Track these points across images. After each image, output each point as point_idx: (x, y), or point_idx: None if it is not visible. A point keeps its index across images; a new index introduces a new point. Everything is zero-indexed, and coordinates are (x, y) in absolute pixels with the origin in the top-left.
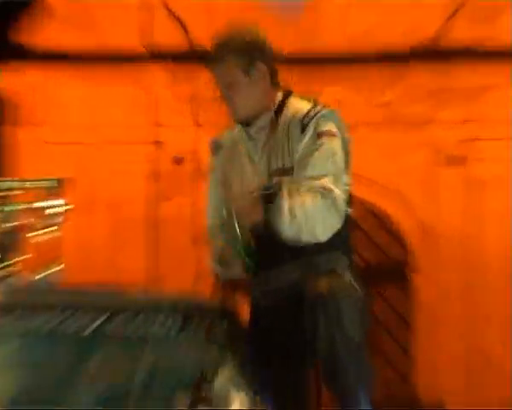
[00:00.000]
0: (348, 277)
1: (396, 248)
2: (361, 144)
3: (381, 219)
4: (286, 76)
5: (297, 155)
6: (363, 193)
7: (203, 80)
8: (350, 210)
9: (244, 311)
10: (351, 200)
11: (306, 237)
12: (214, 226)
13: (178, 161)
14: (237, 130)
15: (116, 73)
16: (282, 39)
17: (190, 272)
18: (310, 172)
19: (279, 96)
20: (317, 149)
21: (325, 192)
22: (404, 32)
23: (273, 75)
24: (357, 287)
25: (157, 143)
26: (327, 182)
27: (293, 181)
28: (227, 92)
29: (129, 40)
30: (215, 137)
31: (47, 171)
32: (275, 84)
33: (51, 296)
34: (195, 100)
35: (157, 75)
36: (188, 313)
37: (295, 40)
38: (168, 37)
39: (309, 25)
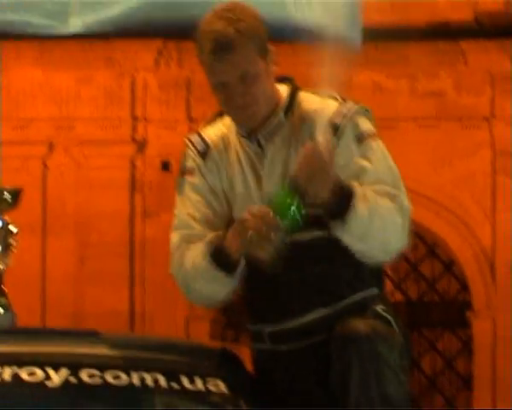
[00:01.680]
0: (383, 311)
1: (449, 281)
2: (403, 146)
3: (429, 245)
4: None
5: (336, 166)
6: None
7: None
8: None
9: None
10: None
11: (376, 248)
12: (184, 238)
13: (166, 165)
14: (228, 128)
15: (86, 53)
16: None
17: (183, 311)
18: (367, 184)
19: (284, 90)
20: (366, 157)
21: (392, 197)
22: None
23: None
24: (395, 324)
25: (138, 142)
26: (390, 188)
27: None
28: (246, 88)
29: None
30: (198, 134)
31: None
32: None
33: (1, 344)
34: (188, 87)
35: (138, 55)
36: (178, 366)
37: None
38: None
39: None
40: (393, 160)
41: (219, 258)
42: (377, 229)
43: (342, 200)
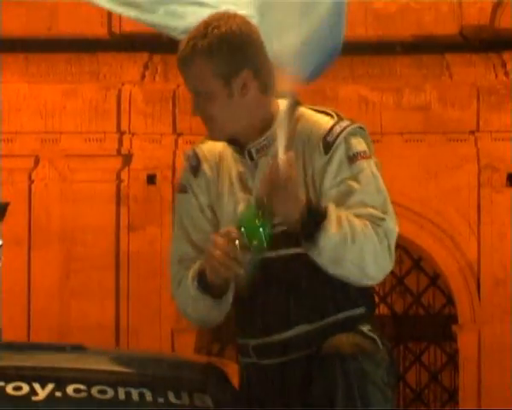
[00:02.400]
0: (368, 330)
1: (434, 295)
2: (390, 159)
3: (414, 259)
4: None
5: (325, 185)
6: None
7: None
8: None
9: (237, 371)
10: None
11: (353, 273)
12: (187, 256)
13: (151, 179)
14: (224, 143)
15: (73, 66)
16: None
17: (168, 324)
18: (353, 206)
19: (282, 105)
20: (356, 178)
21: (375, 221)
22: (448, 11)
23: (267, 80)
24: (380, 343)
25: (124, 155)
26: (376, 212)
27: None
28: (200, 104)
29: (90, 25)
30: (195, 148)
31: None
32: (270, 90)
33: None
34: (174, 100)
35: (124, 69)
36: (165, 381)
37: None
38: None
39: None
40: (381, 173)
41: (204, 284)
42: (352, 253)
43: (313, 221)
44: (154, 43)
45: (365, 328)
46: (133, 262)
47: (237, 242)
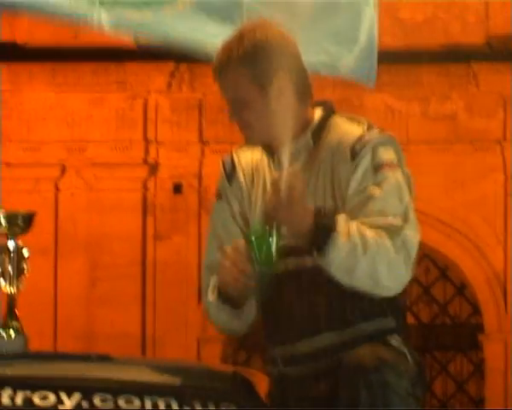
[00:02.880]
0: (397, 342)
1: (460, 304)
2: (416, 169)
3: (441, 268)
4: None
5: (349, 192)
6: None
7: (210, 84)
8: None
9: (263, 380)
10: None
11: (366, 284)
12: (216, 264)
13: (177, 188)
14: (260, 150)
15: (100, 75)
16: None
17: (194, 332)
18: (371, 213)
19: (317, 113)
20: (379, 185)
21: (393, 230)
22: (475, 21)
23: (303, 88)
24: (409, 355)
25: (150, 164)
26: (395, 220)
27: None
28: (237, 112)
29: (116, 35)
30: (230, 155)
31: (8, 202)
32: (306, 99)
33: (18, 367)
34: (200, 109)
35: (150, 78)
36: (191, 390)
37: None
38: None
39: None
40: None
41: (223, 294)
42: (363, 263)
43: (322, 233)
44: (180, 52)
45: (394, 339)
46: (159, 271)
47: (246, 254)
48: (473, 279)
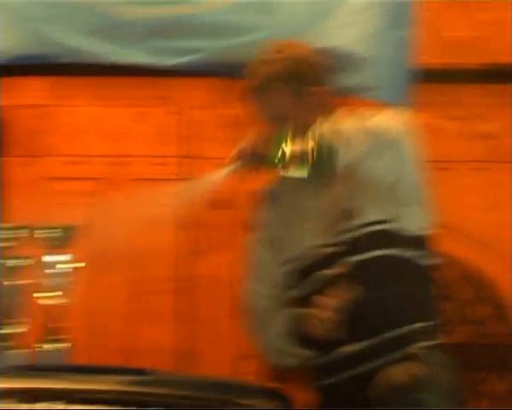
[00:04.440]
0: (428, 349)
1: (496, 324)
2: (454, 188)
3: (479, 288)
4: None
5: (372, 175)
6: (456, 253)
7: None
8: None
9: (300, 395)
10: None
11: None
12: (269, 307)
13: (216, 204)
14: (285, 176)
15: (140, 90)
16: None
17: (229, 350)
18: (405, 204)
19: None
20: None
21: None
22: None
23: (328, 103)
24: (447, 376)
25: (189, 179)
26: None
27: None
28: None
29: None
30: (266, 186)
31: (49, 215)
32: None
33: (58, 379)
34: (241, 126)
35: (192, 93)
36: (232, 406)
37: None
38: None
39: None
40: (444, 202)
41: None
42: None
43: None
44: (224, 68)
45: (422, 345)
46: (195, 287)
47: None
48: (508, 299)
